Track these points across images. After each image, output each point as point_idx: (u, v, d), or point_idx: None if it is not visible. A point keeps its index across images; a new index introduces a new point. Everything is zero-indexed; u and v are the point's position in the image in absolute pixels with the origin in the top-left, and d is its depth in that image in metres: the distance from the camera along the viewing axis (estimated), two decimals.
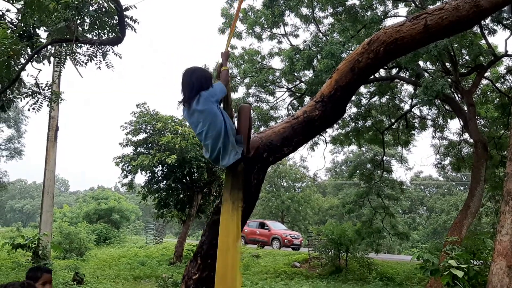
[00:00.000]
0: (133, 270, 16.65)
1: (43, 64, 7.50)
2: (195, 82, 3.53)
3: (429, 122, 21.03)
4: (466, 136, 19.51)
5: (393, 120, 19.99)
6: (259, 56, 18.27)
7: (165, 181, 21.12)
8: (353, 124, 20.14)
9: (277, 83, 18.56)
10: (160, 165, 20.50)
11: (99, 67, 6.97)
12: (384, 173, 20.62)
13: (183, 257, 19.93)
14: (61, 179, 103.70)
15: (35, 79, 8.06)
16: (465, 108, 15.35)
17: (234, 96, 18.39)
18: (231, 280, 3.47)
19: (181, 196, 21.88)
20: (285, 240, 26.56)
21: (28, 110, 8.21)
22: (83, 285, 11.76)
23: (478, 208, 14.07)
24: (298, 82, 18.86)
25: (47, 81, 8.52)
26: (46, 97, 8.40)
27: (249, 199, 3.90)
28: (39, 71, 7.49)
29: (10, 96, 9.23)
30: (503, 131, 17.95)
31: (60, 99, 10.79)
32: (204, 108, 3.47)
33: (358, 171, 20.96)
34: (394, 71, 17.60)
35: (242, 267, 19.19)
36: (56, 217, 28.97)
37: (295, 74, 17.24)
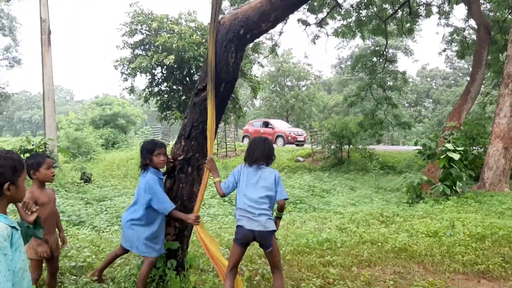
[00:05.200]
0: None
1: None
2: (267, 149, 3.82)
3: (434, 9, 20.14)
4: (472, 22, 18.78)
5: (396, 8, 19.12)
6: None
7: (165, 83, 20.98)
8: (356, 14, 19.35)
9: None
10: (159, 67, 20.23)
11: None
12: (387, 63, 20.22)
13: None
14: (65, 89, 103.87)
15: None
16: None
17: None
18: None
19: (183, 98, 21.86)
20: (289, 137, 26.89)
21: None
22: (91, 183, 12.20)
23: (478, 93, 13.94)
24: None
25: None
26: None
27: (228, 79, 3.81)
28: None
29: None
30: (507, 15, 17.20)
31: None
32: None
33: (360, 64, 20.53)
34: None
35: None
36: (63, 124, 29.26)
37: None
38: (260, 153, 3.71)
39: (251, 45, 19.02)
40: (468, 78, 14.44)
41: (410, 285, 4.32)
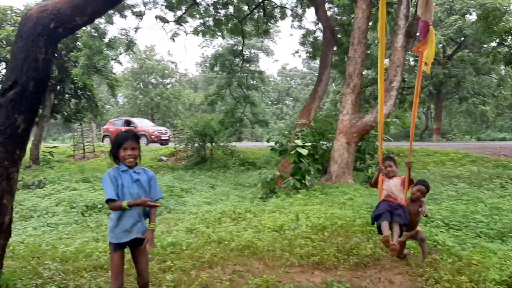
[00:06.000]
0: None
1: None
2: None
3: (289, 12, 21.20)
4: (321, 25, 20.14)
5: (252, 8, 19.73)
6: None
7: None
8: (214, 13, 19.53)
9: None
10: (3, 62, 18.33)
11: None
12: (246, 63, 20.77)
13: (40, 160, 18.75)
14: None
15: None
16: None
17: None
18: None
19: None
20: (152, 136, 26.32)
21: None
22: None
23: (325, 92, 14.96)
24: None
25: None
26: None
27: (38, 77, 3.43)
28: None
29: None
30: (352, 19, 18.76)
31: None
32: None
33: (219, 63, 20.79)
34: None
35: (107, 166, 18.70)
36: None
37: None
38: None
39: (106, 40, 18.07)
40: None
41: (245, 283, 4.34)
